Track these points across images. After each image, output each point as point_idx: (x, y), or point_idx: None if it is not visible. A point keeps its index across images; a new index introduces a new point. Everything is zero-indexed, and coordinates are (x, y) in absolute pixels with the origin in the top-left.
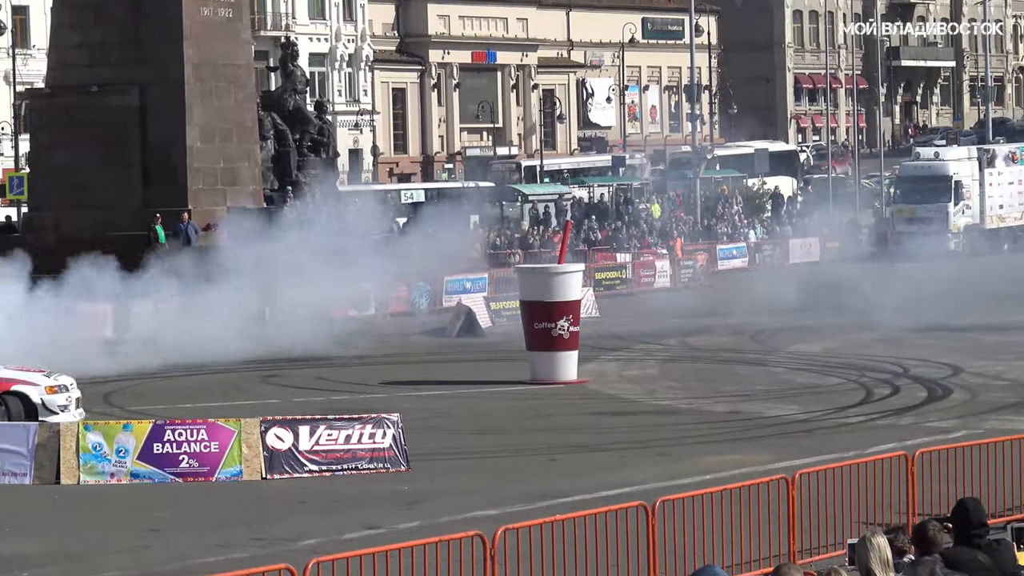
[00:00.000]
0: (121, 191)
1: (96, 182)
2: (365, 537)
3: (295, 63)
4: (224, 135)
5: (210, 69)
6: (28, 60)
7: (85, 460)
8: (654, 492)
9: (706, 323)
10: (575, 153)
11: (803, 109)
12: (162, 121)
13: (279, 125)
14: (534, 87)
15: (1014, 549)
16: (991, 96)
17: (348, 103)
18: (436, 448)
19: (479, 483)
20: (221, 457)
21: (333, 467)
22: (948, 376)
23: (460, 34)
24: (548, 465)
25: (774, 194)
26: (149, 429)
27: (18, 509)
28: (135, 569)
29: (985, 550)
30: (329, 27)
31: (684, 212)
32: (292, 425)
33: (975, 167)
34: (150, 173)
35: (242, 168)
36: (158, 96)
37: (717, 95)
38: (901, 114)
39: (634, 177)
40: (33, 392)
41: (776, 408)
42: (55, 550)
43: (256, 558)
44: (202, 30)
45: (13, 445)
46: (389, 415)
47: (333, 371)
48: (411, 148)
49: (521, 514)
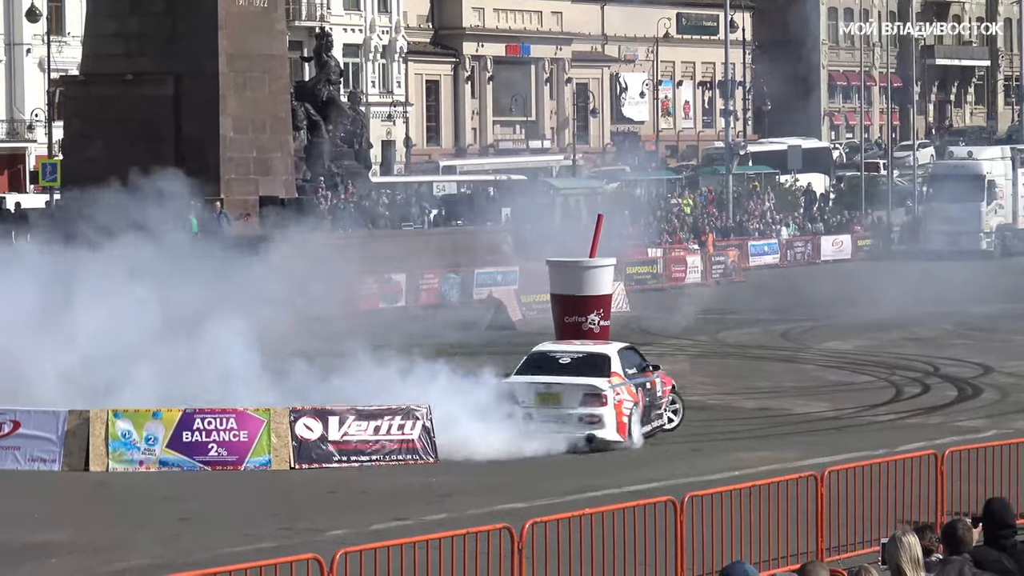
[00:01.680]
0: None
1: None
2: (393, 528)
3: (329, 54)
4: (258, 125)
5: (245, 60)
6: (63, 47)
7: (114, 448)
8: (683, 487)
9: (737, 319)
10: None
11: (836, 106)
12: (196, 111)
13: (312, 116)
14: (568, 81)
15: None
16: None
17: (382, 94)
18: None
19: (508, 477)
20: (250, 446)
21: (362, 458)
22: (979, 376)
23: (494, 27)
24: (576, 459)
25: (806, 191)
26: (179, 417)
27: (47, 496)
28: (164, 558)
29: (1010, 551)
30: (364, 18)
31: (716, 208)
32: (322, 415)
33: (1008, 167)
34: (183, 163)
35: (275, 158)
36: (193, 86)
37: (751, 91)
38: (935, 113)
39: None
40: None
41: (806, 405)
42: (84, 538)
43: (284, 548)
44: (237, 21)
45: (43, 432)
46: (418, 406)
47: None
48: (444, 140)
49: (549, 507)
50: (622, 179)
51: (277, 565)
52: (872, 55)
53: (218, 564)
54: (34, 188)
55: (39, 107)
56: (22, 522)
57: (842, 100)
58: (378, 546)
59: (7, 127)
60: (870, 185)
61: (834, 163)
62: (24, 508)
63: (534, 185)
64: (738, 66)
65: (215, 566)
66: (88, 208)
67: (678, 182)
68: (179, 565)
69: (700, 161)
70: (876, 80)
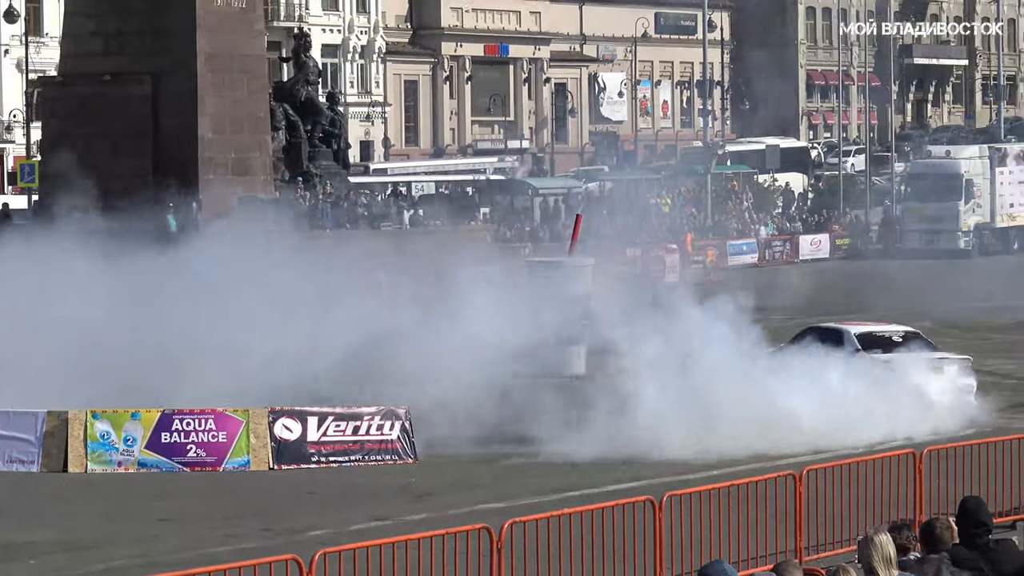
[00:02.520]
0: (133, 181)
1: (108, 172)
2: (372, 529)
3: (307, 54)
4: (236, 125)
5: (223, 60)
6: (41, 48)
7: (93, 449)
8: (662, 487)
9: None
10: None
11: (815, 106)
12: (175, 111)
13: (291, 116)
14: (546, 81)
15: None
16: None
17: (360, 95)
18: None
19: (488, 476)
20: (229, 447)
21: (341, 458)
22: None
23: (473, 27)
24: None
25: (784, 190)
26: (157, 418)
27: (26, 497)
28: (144, 558)
29: (982, 550)
30: (342, 18)
31: (695, 208)
32: (301, 415)
33: (986, 166)
34: (162, 162)
35: (254, 158)
36: (171, 86)
37: (729, 91)
38: (913, 112)
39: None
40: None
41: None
42: (64, 538)
43: (264, 549)
44: (216, 21)
45: (21, 433)
46: (397, 407)
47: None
48: (422, 140)
49: (528, 507)
50: (601, 179)
51: (256, 565)
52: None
53: (198, 564)
54: (12, 189)
55: (17, 108)
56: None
57: (820, 99)
58: (357, 546)
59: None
60: (848, 184)
61: (812, 162)
62: (2, 509)
63: (513, 185)
64: (716, 66)
65: (196, 566)
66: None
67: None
68: (160, 565)
69: (679, 161)
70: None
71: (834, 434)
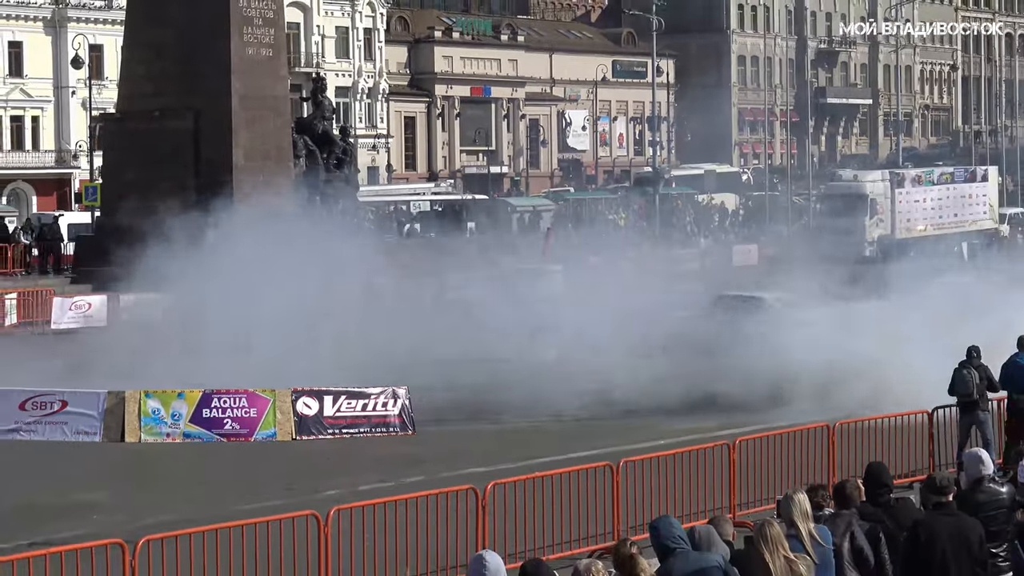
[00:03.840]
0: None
1: (157, 193)
2: (377, 489)
3: (324, 94)
4: (264, 154)
5: (254, 99)
6: (102, 90)
7: (145, 423)
8: (619, 454)
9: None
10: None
11: (745, 137)
12: (213, 143)
13: (310, 146)
14: (522, 117)
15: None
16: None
17: (367, 128)
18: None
19: (474, 446)
20: (259, 421)
21: (351, 431)
22: None
23: (461, 72)
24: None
25: (720, 208)
26: (199, 397)
27: (90, 463)
28: (188, 515)
29: (885, 507)
30: (352, 65)
31: (645, 222)
32: (318, 395)
33: (888, 187)
34: (202, 186)
35: (279, 182)
36: (210, 121)
37: (674, 125)
38: (826, 143)
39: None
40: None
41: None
42: (121, 498)
43: (288, 506)
44: (247, 66)
45: (86, 409)
46: (399, 388)
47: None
48: (419, 166)
49: (508, 471)
50: (567, 198)
51: (281, 520)
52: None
53: (233, 519)
54: (78, 207)
55: (82, 139)
56: (69, 484)
57: (749, 132)
58: (365, 504)
59: (56, 156)
60: (772, 203)
61: (743, 185)
62: (71, 473)
63: (494, 203)
64: (663, 104)
65: (231, 521)
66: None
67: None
68: (201, 520)
69: (632, 183)
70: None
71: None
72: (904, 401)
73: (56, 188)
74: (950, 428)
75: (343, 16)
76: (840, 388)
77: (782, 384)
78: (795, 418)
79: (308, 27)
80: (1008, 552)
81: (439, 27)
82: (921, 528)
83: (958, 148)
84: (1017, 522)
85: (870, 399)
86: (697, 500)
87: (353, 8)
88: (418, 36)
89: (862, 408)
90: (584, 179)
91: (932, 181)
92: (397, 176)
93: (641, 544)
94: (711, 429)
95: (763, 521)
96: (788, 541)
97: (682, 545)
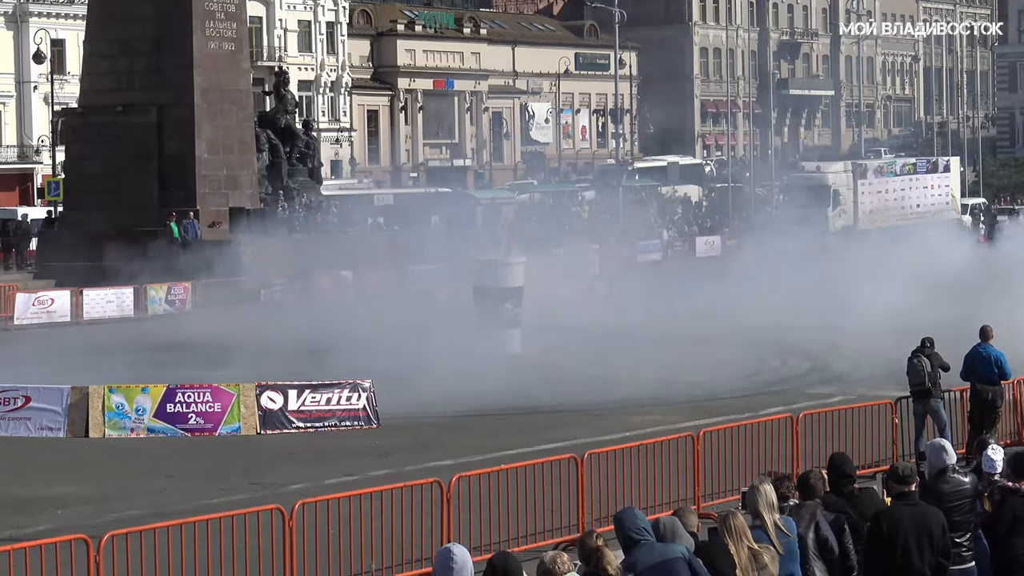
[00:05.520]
0: (141, 194)
1: (120, 187)
2: (343, 483)
3: (286, 88)
4: (227, 148)
5: (216, 93)
6: (64, 84)
7: (109, 417)
8: (584, 446)
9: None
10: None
11: (708, 129)
12: (176, 136)
13: (273, 140)
14: (485, 110)
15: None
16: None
17: (330, 122)
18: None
19: (439, 439)
20: (223, 416)
21: (316, 424)
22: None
23: (424, 65)
24: (498, 424)
25: (683, 199)
26: (163, 392)
27: (54, 458)
28: (153, 508)
29: (848, 497)
30: (315, 59)
31: (609, 215)
32: (282, 389)
33: (850, 178)
34: (166, 179)
35: (242, 176)
36: (173, 116)
37: (637, 117)
38: (789, 135)
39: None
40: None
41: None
42: (85, 492)
43: (253, 499)
44: (210, 61)
45: (49, 404)
46: (363, 381)
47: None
48: (382, 160)
49: (473, 464)
50: (530, 191)
51: (246, 514)
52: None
53: (198, 513)
54: (40, 202)
55: (44, 134)
56: (33, 480)
57: (712, 124)
58: (331, 497)
59: (18, 151)
60: (736, 195)
61: (706, 176)
62: (35, 469)
63: (457, 196)
64: (626, 96)
65: (196, 515)
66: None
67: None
68: (166, 514)
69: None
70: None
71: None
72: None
73: (18, 183)
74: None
75: (305, 10)
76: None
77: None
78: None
79: (271, 21)
80: (971, 541)
81: (402, 20)
82: (883, 518)
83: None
84: (980, 512)
85: None
86: (661, 492)
87: (316, 2)
88: (381, 29)
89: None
90: (547, 172)
91: (894, 172)
92: (360, 170)
93: (606, 536)
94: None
95: (727, 512)
96: (753, 532)
97: (647, 537)
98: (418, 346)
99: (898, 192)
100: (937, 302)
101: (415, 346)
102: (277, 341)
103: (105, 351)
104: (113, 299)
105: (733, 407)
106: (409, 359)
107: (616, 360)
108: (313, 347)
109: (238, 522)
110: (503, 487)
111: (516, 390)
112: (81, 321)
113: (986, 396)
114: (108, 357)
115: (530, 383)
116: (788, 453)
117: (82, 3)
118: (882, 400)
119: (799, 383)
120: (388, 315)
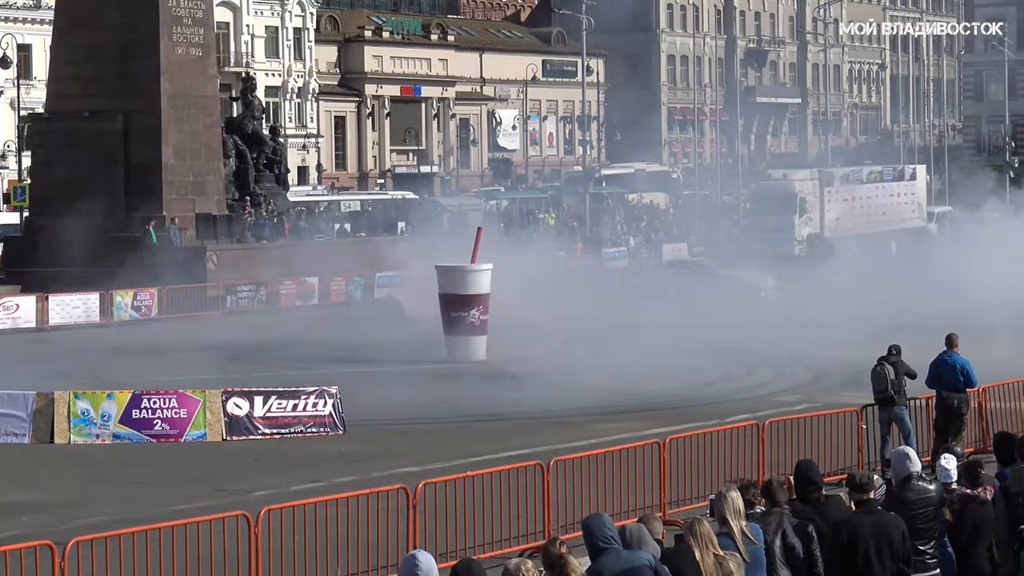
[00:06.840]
0: (108, 200)
1: (87, 192)
2: (309, 489)
3: (253, 94)
4: (194, 154)
5: (183, 99)
6: (30, 89)
7: (75, 423)
8: (550, 453)
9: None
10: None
11: (675, 136)
12: (143, 142)
13: (240, 146)
14: (452, 116)
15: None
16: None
17: (297, 128)
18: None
19: (405, 445)
20: (189, 422)
21: (282, 431)
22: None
23: (391, 71)
24: (464, 431)
25: (650, 207)
26: (129, 398)
27: (18, 464)
28: (119, 515)
29: (814, 504)
30: (282, 64)
31: (576, 222)
32: (248, 395)
33: (817, 186)
34: (132, 185)
35: (209, 181)
36: (140, 122)
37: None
38: (756, 142)
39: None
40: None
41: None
42: (51, 499)
43: (219, 506)
44: (177, 66)
45: (14, 410)
46: (329, 387)
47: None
48: (350, 166)
49: (439, 471)
50: (497, 198)
51: (212, 520)
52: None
53: (164, 519)
54: (7, 207)
55: (11, 139)
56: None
57: (679, 131)
58: (296, 504)
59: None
60: (703, 202)
61: (673, 183)
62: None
63: (424, 203)
64: (593, 103)
65: (162, 522)
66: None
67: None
68: (132, 521)
69: (563, 183)
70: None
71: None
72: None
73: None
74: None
75: (273, 16)
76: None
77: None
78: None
79: (238, 26)
80: (936, 549)
81: (369, 27)
82: (843, 526)
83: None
84: (944, 520)
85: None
86: (628, 498)
87: (283, 8)
88: (348, 36)
89: None
90: (515, 179)
91: (861, 180)
92: (327, 176)
93: (571, 543)
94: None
95: (693, 519)
96: (720, 539)
97: (613, 544)
98: (386, 353)
99: (864, 200)
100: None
101: (382, 353)
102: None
103: (70, 356)
104: (79, 305)
105: (699, 414)
106: (376, 366)
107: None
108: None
109: (204, 528)
110: (469, 494)
111: (482, 397)
112: (46, 327)
113: (951, 404)
114: (73, 362)
115: (496, 390)
116: (754, 460)
117: (49, 8)
118: (849, 407)
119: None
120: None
